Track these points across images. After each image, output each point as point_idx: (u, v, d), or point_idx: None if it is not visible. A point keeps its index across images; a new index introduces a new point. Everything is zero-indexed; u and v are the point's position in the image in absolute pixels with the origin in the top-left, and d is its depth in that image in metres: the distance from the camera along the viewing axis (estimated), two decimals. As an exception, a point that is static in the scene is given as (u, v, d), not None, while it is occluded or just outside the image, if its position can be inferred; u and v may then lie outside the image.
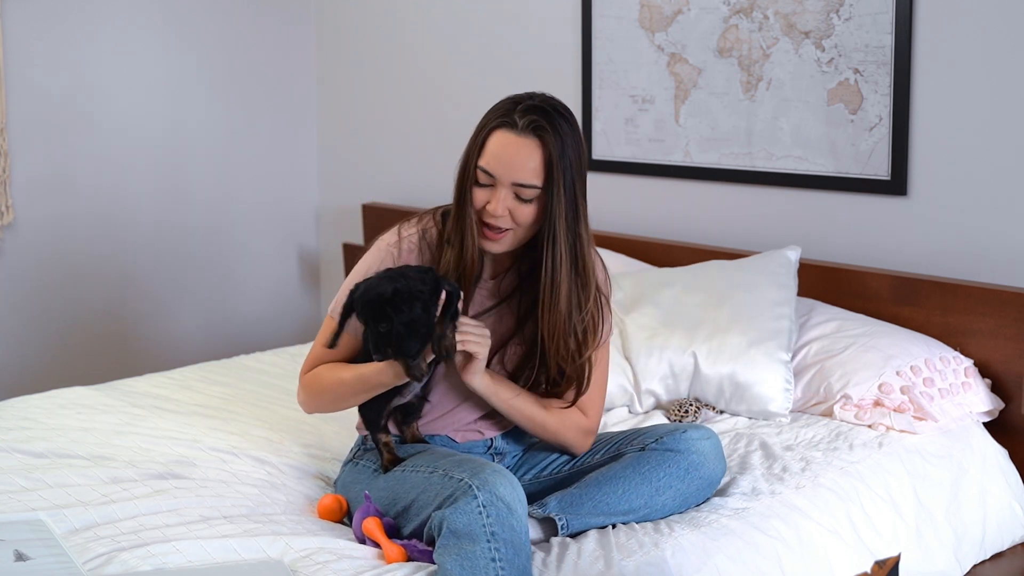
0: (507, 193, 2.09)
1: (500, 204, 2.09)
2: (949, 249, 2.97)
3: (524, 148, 2.08)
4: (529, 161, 2.08)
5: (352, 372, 2.16)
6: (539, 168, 2.08)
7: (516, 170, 2.08)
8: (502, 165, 2.08)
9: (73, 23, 3.90)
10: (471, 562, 1.87)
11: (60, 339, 3.97)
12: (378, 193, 4.31)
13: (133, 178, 4.08)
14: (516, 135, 2.08)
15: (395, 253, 2.20)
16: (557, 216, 2.09)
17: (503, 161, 2.08)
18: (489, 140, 2.10)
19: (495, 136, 2.10)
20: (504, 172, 2.08)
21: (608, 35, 3.56)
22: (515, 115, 2.09)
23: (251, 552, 1.99)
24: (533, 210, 2.11)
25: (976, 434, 2.71)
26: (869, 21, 3.02)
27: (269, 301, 4.49)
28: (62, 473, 2.31)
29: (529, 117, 2.08)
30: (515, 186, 2.08)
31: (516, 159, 2.08)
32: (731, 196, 3.37)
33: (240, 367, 3.20)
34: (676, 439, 2.18)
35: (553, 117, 2.09)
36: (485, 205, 2.10)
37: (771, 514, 2.22)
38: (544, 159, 2.08)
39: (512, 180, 2.08)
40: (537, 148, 2.08)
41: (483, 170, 2.10)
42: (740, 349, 2.80)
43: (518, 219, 2.11)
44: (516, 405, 2.20)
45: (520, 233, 2.13)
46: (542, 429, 2.24)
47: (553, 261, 2.12)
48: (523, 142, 2.08)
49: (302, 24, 4.47)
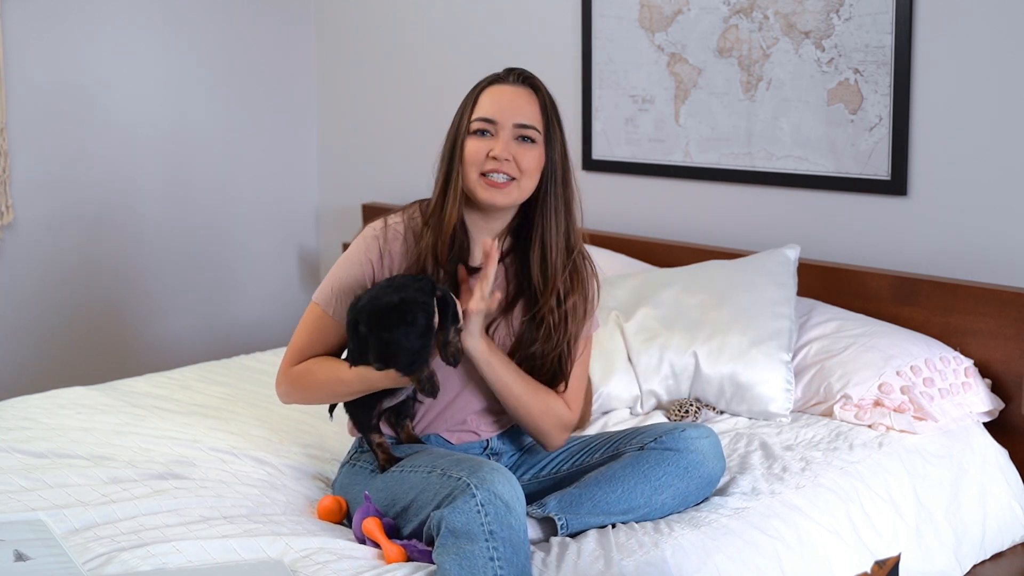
0: (508, 135, 2.13)
1: (504, 146, 2.12)
2: (949, 249, 2.97)
3: (521, 95, 2.16)
4: (527, 106, 2.15)
5: (353, 373, 2.14)
6: (537, 113, 2.15)
7: (517, 111, 2.14)
8: (502, 109, 2.14)
9: (73, 24, 3.90)
10: (470, 561, 1.87)
11: (60, 339, 3.97)
12: (378, 193, 4.31)
13: (133, 178, 4.08)
14: (510, 86, 2.17)
15: (380, 241, 2.20)
16: (556, 159, 2.16)
17: (502, 105, 2.14)
18: (481, 97, 2.17)
19: (487, 91, 2.17)
20: (505, 114, 2.14)
21: (608, 35, 3.56)
22: (504, 74, 2.19)
23: (251, 552, 1.99)
24: (536, 155, 2.14)
25: (976, 434, 2.71)
26: (869, 21, 3.02)
27: (269, 301, 4.49)
28: (62, 473, 2.31)
29: (517, 72, 2.19)
30: (517, 127, 2.13)
31: (515, 102, 2.15)
32: (731, 196, 3.37)
33: (240, 367, 3.20)
34: (675, 438, 2.18)
35: (535, 77, 2.21)
36: (488, 153, 2.13)
37: (771, 514, 2.22)
38: (540, 105, 2.16)
39: (514, 121, 2.14)
40: (533, 96, 2.17)
41: (481, 119, 2.14)
42: (741, 349, 2.80)
43: (522, 164, 2.13)
44: (505, 379, 2.17)
45: (524, 183, 2.15)
46: (525, 410, 2.20)
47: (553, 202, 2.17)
48: (518, 90, 2.17)
49: (302, 24, 4.47)
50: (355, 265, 2.20)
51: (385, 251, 2.19)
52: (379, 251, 2.19)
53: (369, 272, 2.19)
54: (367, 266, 2.19)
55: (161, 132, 4.14)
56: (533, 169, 2.14)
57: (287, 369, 2.25)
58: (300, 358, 2.24)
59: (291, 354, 2.25)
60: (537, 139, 2.15)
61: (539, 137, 2.15)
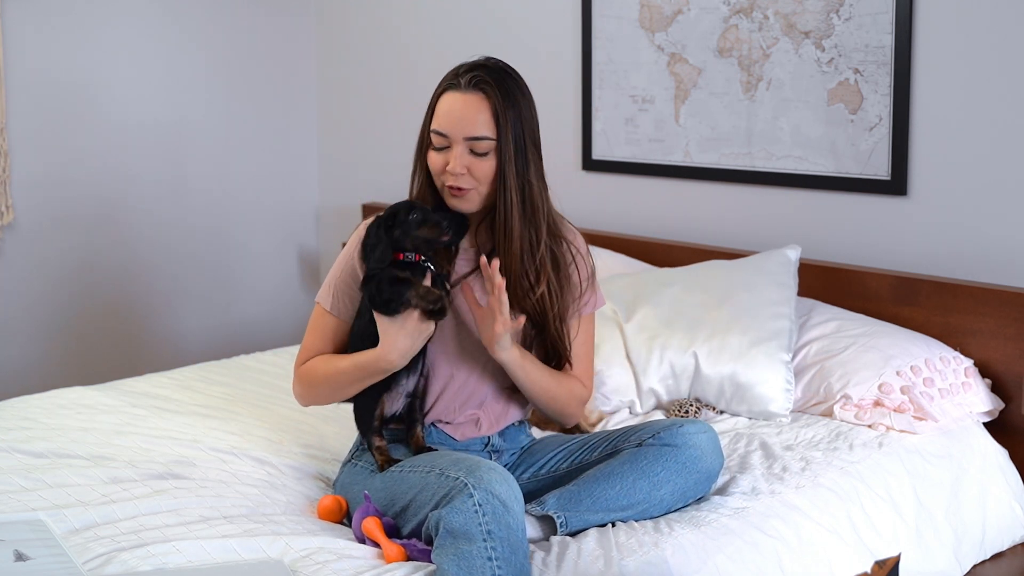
0: (462, 150, 2.15)
1: (457, 161, 2.15)
2: (949, 249, 2.97)
3: (470, 103, 2.15)
4: (478, 115, 2.15)
5: (348, 361, 2.20)
6: (489, 120, 2.15)
7: (466, 125, 2.15)
8: (452, 123, 2.15)
9: (73, 24, 3.90)
10: (468, 561, 1.87)
11: (60, 339, 3.97)
12: (378, 193, 4.31)
13: (133, 178, 4.09)
14: (461, 93, 2.17)
15: None
16: (507, 163, 2.16)
17: (452, 119, 2.15)
18: (438, 104, 2.19)
19: (443, 99, 2.18)
20: (455, 129, 2.15)
21: (608, 35, 3.56)
22: (458, 77, 2.18)
23: (251, 552, 1.99)
24: (491, 164, 2.17)
25: (976, 434, 2.71)
26: (869, 21, 3.02)
27: (269, 301, 4.49)
28: (62, 473, 2.31)
29: (470, 75, 2.17)
30: (468, 141, 2.15)
31: (465, 115, 2.15)
32: (731, 196, 3.37)
33: (240, 367, 3.20)
34: (673, 434, 2.19)
35: (494, 72, 2.18)
36: (445, 166, 2.16)
37: (771, 514, 2.22)
38: (491, 111, 2.15)
39: (464, 135, 2.15)
40: (483, 101, 2.15)
41: (436, 132, 2.17)
42: (741, 349, 2.80)
43: (477, 175, 2.16)
44: (535, 377, 2.24)
45: (483, 189, 2.18)
46: (553, 401, 2.28)
47: (505, 207, 2.18)
48: (468, 98, 2.16)
49: (302, 23, 4.48)
50: (349, 262, 2.28)
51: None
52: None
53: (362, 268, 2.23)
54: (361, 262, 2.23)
55: (161, 132, 4.14)
56: (487, 178, 2.18)
57: (296, 369, 2.32)
58: (308, 355, 2.31)
59: (300, 354, 2.32)
60: (489, 148, 2.16)
61: (491, 145, 2.16)
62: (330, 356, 2.27)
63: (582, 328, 2.33)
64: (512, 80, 2.19)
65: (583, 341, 2.33)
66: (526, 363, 2.22)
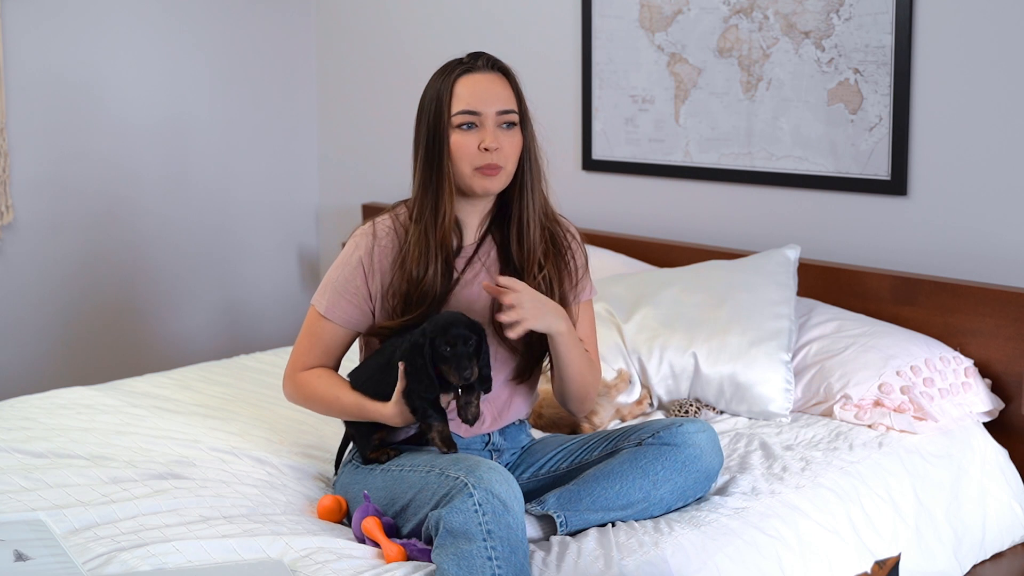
0: (493, 124, 2.18)
1: (493, 136, 2.17)
2: (949, 249, 2.97)
3: (495, 81, 2.20)
4: (503, 90, 2.20)
5: (352, 399, 2.21)
6: (512, 96, 2.21)
7: (496, 99, 2.19)
8: (483, 100, 2.18)
9: (73, 24, 3.90)
10: (468, 561, 1.87)
11: (60, 339, 3.97)
12: (378, 193, 4.31)
13: (133, 178, 4.09)
14: (483, 73, 2.21)
15: (370, 238, 2.25)
16: (530, 140, 2.23)
17: (482, 96, 2.18)
18: (456, 87, 2.19)
19: (462, 82, 2.19)
20: (488, 104, 2.18)
21: (608, 35, 3.56)
22: (472, 61, 2.22)
23: (251, 552, 1.99)
24: (517, 139, 2.21)
25: (976, 434, 2.71)
26: (869, 21, 3.02)
27: (269, 301, 4.49)
28: (62, 473, 2.31)
29: (483, 58, 2.22)
30: (499, 115, 2.18)
31: (492, 90, 2.19)
32: (731, 196, 3.37)
33: (240, 367, 3.20)
34: (672, 433, 2.19)
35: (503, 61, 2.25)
36: (480, 146, 2.17)
37: (771, 514, 2.22)
38: (512, 88, 2.22)
39: (496, 108, 2.18)
40: (503, 79, 2.22)
41: (465, 112, 2.18)
42: (740, 349, 2.80)
43: (507, 150, 2.19)
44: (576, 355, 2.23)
45: (510, 167, 2.21)
46: (582, 381, 2.28)
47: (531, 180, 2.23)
48: (492, 76, 2.21)
49: (303, 24, 4.48)
50: (348, 266, 2.26)
51: (375, 248, 2.24)
52: (368, 248, 2.24)
53: (360, 272, 2.24)
54: (358, 267, 2.24)
55: (161, 132, 4.14)
56: (515, 154, 2.21)
57: (292, 373, 2.30)
58: (303, 360, 2.29)
59: (294, 356, 2.31)
60: (517, 122, 2.21)
61: (517, 120, 2.21)
62: (333, 380, 2.26)
63: (583, 315, 2.33)
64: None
65: (588, 325, 2.35)
66: (571, 340, 2.21)
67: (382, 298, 2.23)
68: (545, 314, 2.14)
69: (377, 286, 2.23)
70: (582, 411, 2.36)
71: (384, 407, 2.16)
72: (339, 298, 2.25)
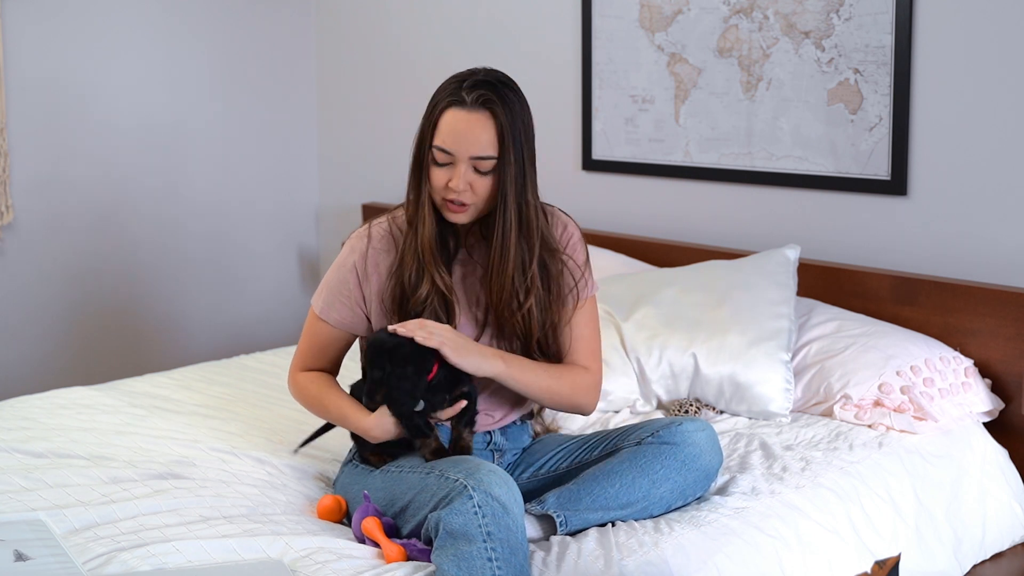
0: (466, 168, 2.14)
1: (461, 180, 2.14)
2: (949, 249, 2.97)
3: (477, 123, 2.13)
4: (483, 134, 2.13)
5: (336, 405, 2.25)
6: (493, 140, 2.14)
7: (472, 144, 2.13)
8: (458, 142, 2.13)
9: (73, 24, 3.90)
10: (468, 562, 1.87)
11: (60, 339, 3.97)
12: (378, 193, 4.31)
13: (133, 178, 4.08)
14: (467, 111, 2.13)
15: (365, 241, 2.26)
16: (508, 184, 2.15)
17: (458, 138, 2.13)
18: (441, 120, 2.15)
19: (447, 115, 2.15)
20: (461, 148, 2.13)
21: (608, 35, 3.56)
22: (463, 92, 2.14)
23: (251, 552, 1.99)
24: (491, 181, 2.16)
25: (976, 434, 2.71)
26: (869, 21, 3.02)
27: (269, 301, 4.49)
28: (62, 473, 2.31)
29: (477, 92, 2.14)
30: (472, 160, 2.14)
31: (470, 134, 2.13)
32: (731, 196, 3.37)
33: (240, 367, 3.20)
34: (672, 432, 2.19)
35: (499, 89, 2.15)
36: (447, 183, 2.15)
37: (771, 514, 2.22)
38: (497, 131, 2.14)
39: (469, 154, 2.13)
40: (489, 120, 2.13)
41: (440, 149, 2.15)
42: (740, 349, 2.80)
43: (478, 192, 2.16)
44: (530, 379, 2.22)
45: (480, 205, 2.18)
46: (557, 397, 2.27)
47: (504, 227, 2.17)
48: (475, 117, 2.13)
49: (302, 24, 4.47)
50: (343, 269, 2.27)
51: (369, 251, 2.25)
52: (363, 252, 2.25)
53: (354, 276, 2.25)
54: (352, 271, 2.25)
55: (161, 132, 4.14)
56: (486, 195, 2.17)
57: (293, 372, 2.35)
58: (302, 359, 2.33)
59: (296, 357, 2.35)
60: (492, 167, 2.15)
61: (494, 164, 2.15)
62: (325, 384, 2.29)
63: (583, 311, 2.30)
64: (514, 95, 2.17)
65: (585, 323, 2.31)
66: (514, 371, 2.19)
67: (378, 302, 2.24)
68: (468, 354, 2.12)
69: (371, 290, 2.24)
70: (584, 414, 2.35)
71: (365, 419, 2.18)
72: (334, 300, 2.27)
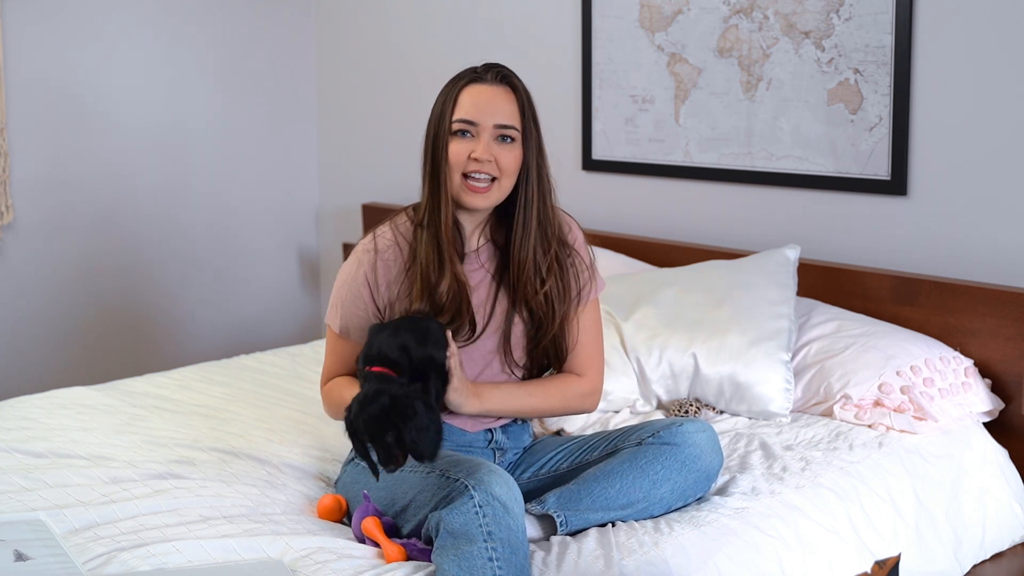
0: (489, 137, 2.17)
1: (485, 148, 2.16)
2: (949, 249, 2.97)
3: (500, 94, 2.19)
4: (506, 105, 2.18)
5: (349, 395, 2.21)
6: (515, 112, 2.19)
7: (497, 112, 2.17)
8: (482, 110, 2.17)
9: (73, 24, 3.90)
10: (468, 562, 1.87)
11: (60, 339, 3.97)
12: (378, 193, 4.31)
13: (133, 178, 4.09)
14: (489, 85, 2.19)
15: (372, 254, 2.24)
16: (532, 155, 2.19)
17: (482, 107, 2.17)
18: (462, 95, 2.19)
19: (467, 90, 2.19)
20: (485, 115, 2.17)
21: (608, 35, 3.56)
22: (480, 73, 2.20)
23: (251, 552, 1.99)
24: (515, 155, 2.18)
25: (976, 434, 2.71)
26: (869, 21, 3.02)
27: (269, 301, 4.49)
28: (62, 473, 2.31)
29: (495, 70, 2.21)
30: (497, 128, 2.16)
31: (494, 103, 2.17)
32: (731, 196, 3.37)
33: (240, 367, 3.20)
34: (672, 432, 2.19)
35: (512, 73, 2.23)
36: (470, 155, 2.16)
37: (771, 514, 2.22)
38: (518, 103, 2.19)
39: (494, 122, 2.17)
40: (510, 93, 2.20)
41: (463, 120, 2.17)
42: (740, 349, 2.80)
43: (502, 165, 2.17)
44: (512, 406, 2.25)
45: (504, 183, 2.19)
46: (551, 411, 2.30)
47: (527, 198, 2.20)
48: (497, 89, 2.19)
49: (302, 24, 4.47)
50: (354, 283, 2.26)
51: (378, 262, 2.24)
52: (372, 263, 2.24)
53: (367, 289, 2.24)
54: (364, 284, 2.25)
55: (161, 132, 4.14)
56: (512, 169, 2.19)
57: (321, 388, 2.35)
58: (329, 376, 2.33)
59: (323, 373, 2.35)
60: (516, 138, 2.19)
61: (518, 136, 2.19)
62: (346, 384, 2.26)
63: (586, 316, 2.32)
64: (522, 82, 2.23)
65: (587, 328, 2.32)
66: (492, 403, 2.21)
67: (391, 309, 2.23)
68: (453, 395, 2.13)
69: (384, 300, 2.24)
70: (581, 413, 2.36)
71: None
72: (350, 316, 2.26)
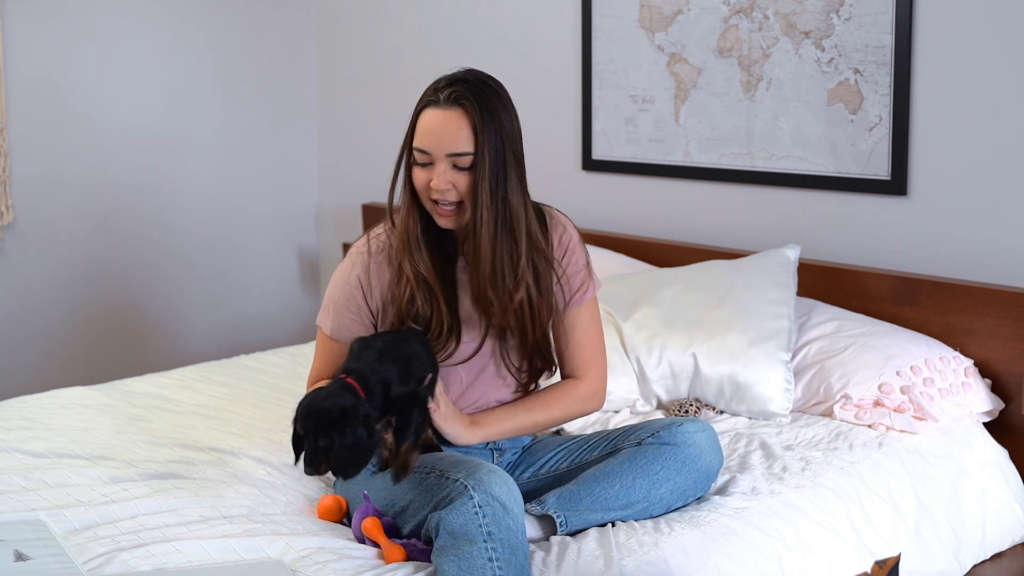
0: (445, 166, 2.13)
1: (440, 178, 2.13)
2: (949, 249, 2.97)
3: (450, 119, 2.12)
4: (458, 130, 2.12)
5: None
6: (469, 136, 2.12)
7: (447, 141, 2.12)
8: (433, 140, 2.13)
9: (73, 25, 3.90)
10: (468, 562, 1.87)
11: (60, 339, 3.97)
12: (378, 193, 4.30)
13: (133, 178, 4.09)
14: (441, 109, 2.13)
15: (365, 256, 2.24)
16: (481, 180, 2.12)
17: (434, 136, 2.13)
18: (419, 121, 2.16)
19: (423, 116, 2.15)
20: (437, 146, 2.13)
21: (608, 35, 3.56)
22: (437, 92, 2.15)
23: (251, 552, 1.99)
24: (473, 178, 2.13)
25: (976, 434, 2.71)
26: (869, 21, 3.02)
27: (269, 301, 4.49)
28: (62, 473, 2.31)
29: (449, 90, 2.13)
30: (450, 157, 2.12)
31: (445, 131, 2.12)
32: (731, 196, 3.37)
33: (240, 367, 3.20)
34: (672, 432, 2.19)
35: (474, 85, 2.14)
36: (428, 183, 2.14)
37: (771, 514, 2.22)
38: (471, 125, 2.12)
39: (446, 152, 2.12)
40: (462, 116, 2.12)
41: (419, 150, 2.15)
42: (740, 349, 2.80)
43: (461, 189, 2.14)
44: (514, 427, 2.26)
45: (468, 205, 2.15)
46: (551, 423, 2.31)
47: (476, 223, 2.14)
48: (447, 114, 2.12)
49: (302, 24, 4.47)
50: (347, 285, 2.25)
51: (371, 265, 2.23)
52: (365, 266, 2.23)
53: (360, 291, 2.23)
54: (357, 286, 2.24)
55: (161, 132, 4.14)
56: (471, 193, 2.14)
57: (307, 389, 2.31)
58: (317, 378, 2.30)
59: (311, 374, 2.33)
60: (471, 162, 2.13)
61: (471, 162, 2.13)
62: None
63: (583, 316, 2.30)
64: (492, 92, 2.14)
65: (584, 329, 2.31)
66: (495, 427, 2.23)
67: (384, 312, 2.23)
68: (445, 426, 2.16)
69: (377, 303, 2.23)
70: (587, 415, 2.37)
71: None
72: (342, 318, 2.25)
